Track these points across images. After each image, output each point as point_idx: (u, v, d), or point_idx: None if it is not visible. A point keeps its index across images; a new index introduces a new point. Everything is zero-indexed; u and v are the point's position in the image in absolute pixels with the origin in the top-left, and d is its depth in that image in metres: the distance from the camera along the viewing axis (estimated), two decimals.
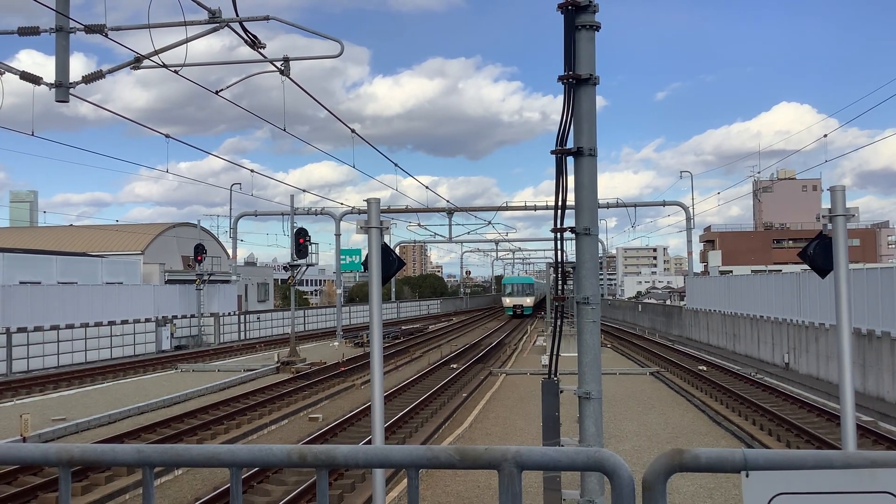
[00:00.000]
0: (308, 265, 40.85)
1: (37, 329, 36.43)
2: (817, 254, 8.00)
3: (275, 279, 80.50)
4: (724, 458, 2.13)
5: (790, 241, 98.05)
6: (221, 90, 15.58)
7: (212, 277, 51.87)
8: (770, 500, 2.12)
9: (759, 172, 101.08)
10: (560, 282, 9.36)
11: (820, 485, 2.11)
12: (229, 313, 54.40)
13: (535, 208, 50.74)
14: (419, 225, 53.57)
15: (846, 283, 7.75)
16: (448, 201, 50.48)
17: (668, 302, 75.58)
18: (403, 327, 55.97)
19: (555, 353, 9.22)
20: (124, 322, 42.75)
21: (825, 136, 36.71)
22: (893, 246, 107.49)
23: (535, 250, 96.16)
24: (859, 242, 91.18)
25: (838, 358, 7.85)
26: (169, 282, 55.40)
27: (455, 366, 31.98)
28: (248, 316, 56.57)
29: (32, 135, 17.05)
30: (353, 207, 47.85)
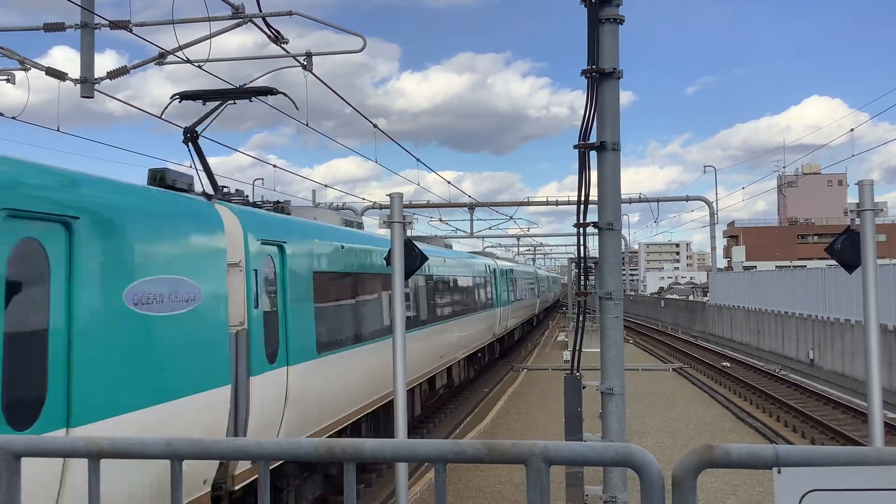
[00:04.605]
0: None
1: None
2: (845, 249, 7.91)
3: None
4: (756, 454, 2.11)
5: (815, 237, 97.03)
6: (244, 85, 15.64)
7: None
8: (802, 497, 2.10)
9: (784, 167, 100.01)
10: (582, 277, 9.33)
11: (852, 481, 2.09)
12: None
13: (557, 203, 50.53)
14: (440, 220, 53.52)
15: (874, 279, 7.66)
16: (470, 196, 50.39)
17: (690, 298, 75.12)
18: None
19: (577, 348, 9.20)
20: None
21: (851, 130, 36.33)
22: None
23: (558, 245, 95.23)
24: (886, 238, 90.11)
25: (865, 354, 7.76)
26: None
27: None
28: None
29: (58, 130, 17.20)
30: (375, 203, 47.88)
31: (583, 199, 8.33)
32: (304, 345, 9.22)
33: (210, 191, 9.20)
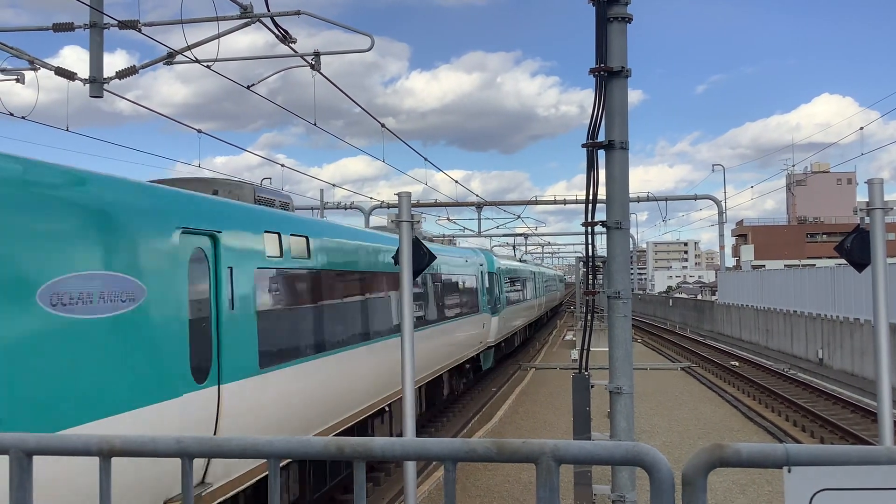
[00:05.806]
0: None
1: None
2: (854, 247, 7.89)
3: None
4: (766, 453, 2.10)
5: (824, 235, 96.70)
6: (253, 85, 15.68)
7: None
8: (813, 496, 2.10)
9: (793, 166, 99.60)
10: (590, 276, 9.32)
11: (864, 481, 2.08)
12: None
13: (565, 202, 50.46)
14: (448, 219, 53.46)
15: (883, 278, 7.63)
16: (478, 196, 50.34)
17: (699, 297, 74.94)
18: None
19: (585, 347, 9.19)
20: None
21: (861, 128, 36.15)
22: None
23: (566, 244, 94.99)
24: (895, 236, 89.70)
25: (875, 353, 7.74)
26: None
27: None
28: None
29: (67, 130, 17.26)
30: (383, 202, 47.88)
31: (591, 197, 8.31)
32: None
33: None
